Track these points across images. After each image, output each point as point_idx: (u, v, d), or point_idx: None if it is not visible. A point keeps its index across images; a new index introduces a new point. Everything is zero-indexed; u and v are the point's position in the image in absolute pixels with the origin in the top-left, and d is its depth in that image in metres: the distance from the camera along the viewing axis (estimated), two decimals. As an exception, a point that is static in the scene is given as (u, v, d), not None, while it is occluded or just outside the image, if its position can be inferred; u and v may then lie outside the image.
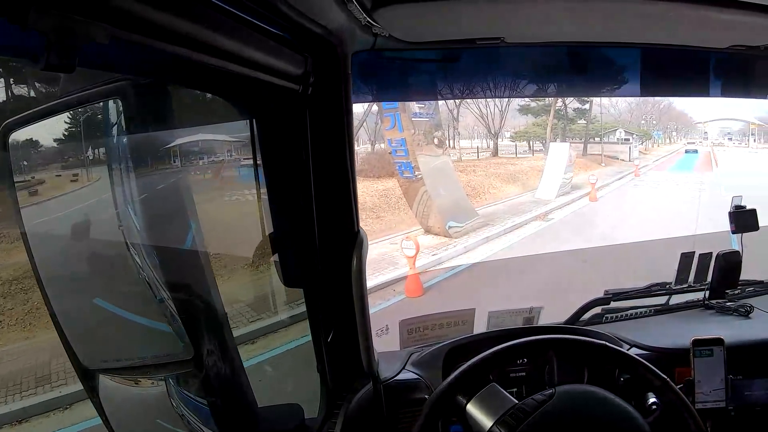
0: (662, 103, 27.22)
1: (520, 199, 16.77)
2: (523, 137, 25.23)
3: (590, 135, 25.57)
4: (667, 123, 29.69)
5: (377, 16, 1.18)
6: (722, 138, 30.80)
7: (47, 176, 1.54)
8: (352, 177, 1.31)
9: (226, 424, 1.33)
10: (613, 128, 26.46)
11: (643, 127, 28.39)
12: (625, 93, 1.73)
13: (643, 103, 27.27)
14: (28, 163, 1.44)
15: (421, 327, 1.87)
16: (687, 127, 31.16)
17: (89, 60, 0.89)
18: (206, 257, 1.22)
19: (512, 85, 1.75)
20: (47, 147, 1.48)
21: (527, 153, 24.41)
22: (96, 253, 1.42)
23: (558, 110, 24.20)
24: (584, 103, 24.13)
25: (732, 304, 1.99)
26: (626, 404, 1.36)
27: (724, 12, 1.22)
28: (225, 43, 0.88)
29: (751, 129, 29.99)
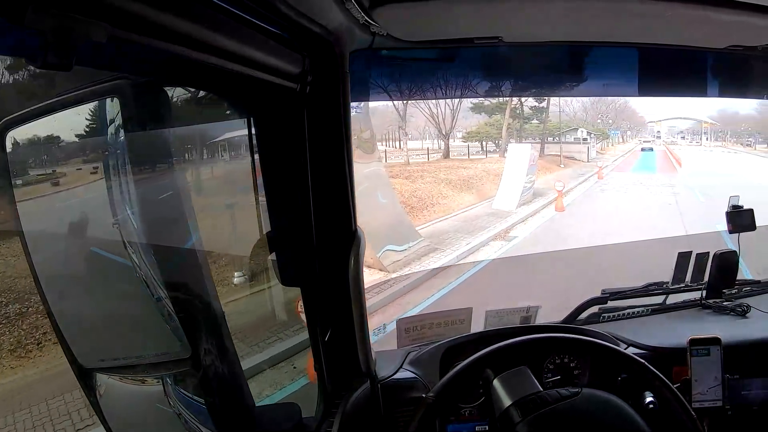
0: (618, 102, 26.73)
1: (475, 211, 14.32)
2: (475, 137, 23.43)
3: (547, 134, 24.46)
4: (621, 122, 29.41)
5: (375, 15, 1.18)
6: (675, 137, 31.04)
7: (44, 174, 1.54)
8: (349, 176, 1.31)
9: (223, 423, 1.33)
10: (572, 127, 25.58)
11: (599, 126, 27.69)
12: (623, 93, 1.74)
13: (599, 102, 26.62)
14: (25, 161, 1.43)
15: (418, 326, 1.87)
16: (639, 126, 31.05)
17: (87, 58, 0.89)
18: (204, 256, 1.22)
19: (510, 85, 1.75)
20: (44, 145, 1.48)
21: (480, 154, 22.65)
22: (93, 252, 1.42)
23: (514, 109, 22.74)
24: (541, 101, 22.75)
25: (729, 303, 1.99)
26: (645, 425, 1.36)
27: (722, 12, 1.23)
28: (223, 42, 0.88)
29: (703, 128, 30.36)
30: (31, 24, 0.55)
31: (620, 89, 1.76)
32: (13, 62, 4.29)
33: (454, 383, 1.45)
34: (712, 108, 29.36)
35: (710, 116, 30.19)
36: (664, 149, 27.70)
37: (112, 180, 1.36)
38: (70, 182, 1.52)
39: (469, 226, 12.34)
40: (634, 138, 30.60)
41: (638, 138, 30.24)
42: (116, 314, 1.38)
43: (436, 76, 1.66)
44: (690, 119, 30.23)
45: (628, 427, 1.36)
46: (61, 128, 1.45)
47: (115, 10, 0.65)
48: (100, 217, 1.43)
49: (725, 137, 30.04)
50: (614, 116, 28.57)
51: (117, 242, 1.30)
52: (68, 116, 1.34)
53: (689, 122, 30.36)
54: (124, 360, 1.39)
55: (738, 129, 29.71)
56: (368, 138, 11.91)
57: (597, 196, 16.73)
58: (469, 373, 1.48)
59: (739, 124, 29.60)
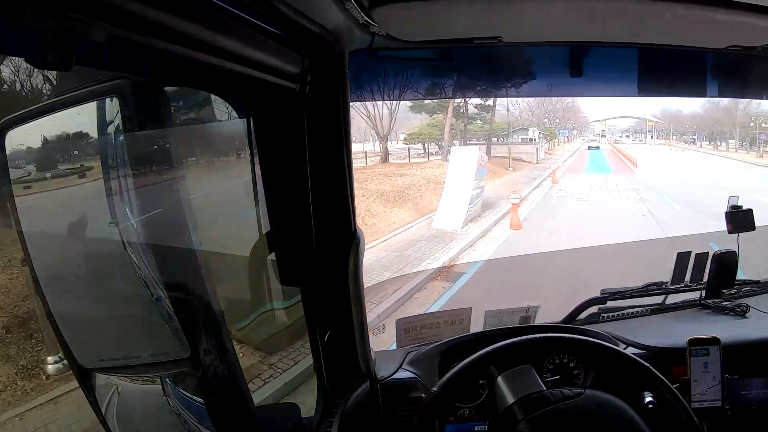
0: (566, 101, 26.05)
1: (410, 233, 11.46)
2: (417, 139, 21.65)
3: (494, 135, 22.80)
4: (567, 121, 28.84)
5: (375, 15, 1.18)
6: (620, 135, 31.07)
7: (42, 174, 1.54)
8: (349, 176, 1.31)
9: (223, 423, 1.33)
10: (520, 127, 24.40)
11: (546, 126, 26.77)
12: (622, 93, 1.74)
13: (546, 101, 25.84)
14: (24, 161, 1.43)
15: (417, 326, 1.87)
16: (583, 125, 30.87)
17: (87, 58, 0.89)
18: (203, 256, 1.22)
19: (509, 85, 1.75)
20: (42, 146, 1.48)
21: (422, 156, 20.70)
22: (93, 252, 1.42)
23: (456, 108, 21.10)
24: (487, 99, 21.22)
25: (728, 303, 1.99)
26: (646, 427, 1.36)
27: (721, 12, 1.23)
28: (222, 42, 0.88)
29: (648, 126, 30.44)
30: (30, 24, 0.55)
31: (620, 89, 1.76)
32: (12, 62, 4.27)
33: (458, 379, 1.45)
34: (656, 106, 29.51)
35: (654, 114, 30.31)
36: (611, 148, 27.48)
37: (111, 180, 1.36)
38: (68, 182, 1.52)
39: (399, 260, 9.43)
40: (578, 137, 30.44)
41: (582, 137, 30.06)
42: (115, 314, 1.38)
43: (435, 76, 1.66)
44: (634, 118, 30.38)
45: (629, 428, 1.36)
46: (60, 128, 1.45)
47: (114, 9, 0.65)
48: (99, 217, 1.44)
49: (669, 135, 30.32)
50: (561, 115, 27.88)
51: (116, 242, 1.30)
52: (68, 116, 1.34)
53: (632, 121, 30.51)
54: (123, 360, 1.39)
55: (681, 127, 30.00)
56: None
57: (557, 206, 14.52)
58: (473, 371, 1.48)
59: (682, 122, 29.84)
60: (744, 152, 26.06)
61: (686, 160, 24.38)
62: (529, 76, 1.71)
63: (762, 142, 24.94)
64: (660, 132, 30.57)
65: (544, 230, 11.29)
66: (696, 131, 29.82)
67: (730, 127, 27.46)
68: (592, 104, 29.27)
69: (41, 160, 1.51)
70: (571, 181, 18.33)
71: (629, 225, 11.53)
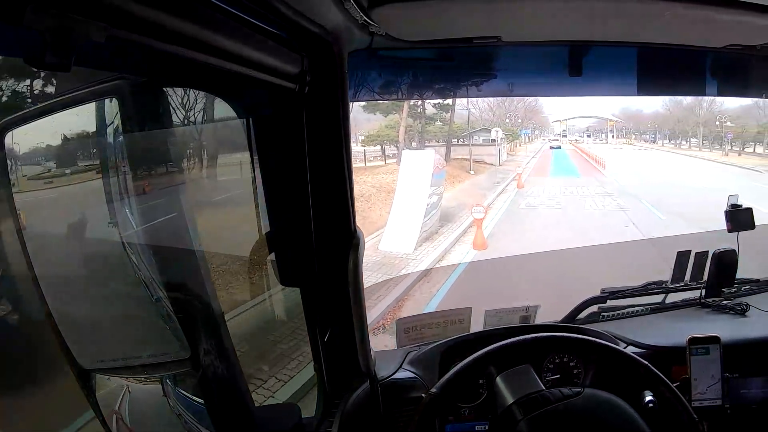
0: (528, 100, 25.00)
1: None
2: (375, 141, 19.74)
3: (454, 136, 21.53)
4: (529, 122, 27.88)
5: (374, 15, 1.18)
6: (581, 135, 30.81)
7: (41, 174, 1.54)
8: (348, 176, 1.31)
9: (223, 424, 1.33)
10: (483, 128, 22.93)
11: (507, 126, 25.36)
12: (622, 92, 1.74)
13: (508, 101, 24.71)
14: (22, 160, 1.43)
15: (418, 326, 1.87)
16: (543, 125, 30.38)
17: (86, 59, 0.89)
18: (203, 256, 1.22)
19: (509, 84, 1.75)
20: (44, 145, 1.48)
21: (379, 159, 18.70)
22: (92, 252, 1.42)
23: (413, 107, 19.47)
24: (445, 98, 19.62)
25: (728, 302, 1.99)
26: (645, 426, 1.36)
27: (720, 12, 1.23)
28: (221, 42, 0.88)
29: (609, 126, 30.36)
30: (29, 24, 0.55)
31: (619, 89, 1.76)
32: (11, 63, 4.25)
33: (457, 380, 1.46)
34: (616, 106, 29.29)
35: (614, 114, 30.18)
36: (573, 148, 26.98)
37: (110, 180, 1.36)
38: (67, 183, 1.52)
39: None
40: (540, 137, 29.97)
41: (543, 137, 29.60)
42: (115, 315, 1.38)
43: (435, 75, 1.66)
44: (594, 117, 30.25)
45: (629, 428, 1.36)
46: (60, 129, 1.45)
47: (113, 10, 0.65)
48: (98, 217, 1.43)
49: (629, 134, 30.28)
50: (523, 115, 26.89)
51: (116, 243, 1.30)
52: (67, 117, 1.34)
53: (591, 120, 30.36)
54: (123, 360, 1.39)
55: (642, 126, 29.92)
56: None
57: (526, 216, 12.75)
58: (472, 371, 1.48)
59: (643, 121, 29.74)
60: (707, 150, 26.05)
61: (652, 160, 23.89)
62: (528, 76, 1.71)
63: (728, 140, 24.88)
64: (620, 131, 30.50)
65: (514, 249, 9.49)
66: (657, 130, 29.73)
67: (693, 126, 27.33)
68: (553, 104, 28.60)
69: (39, 160, 1.51)
70: (538, 186, 16.93)
71: (612, 239, 9.92)
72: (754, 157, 24.26)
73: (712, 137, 26.06)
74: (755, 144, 25.45)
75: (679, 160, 23.69)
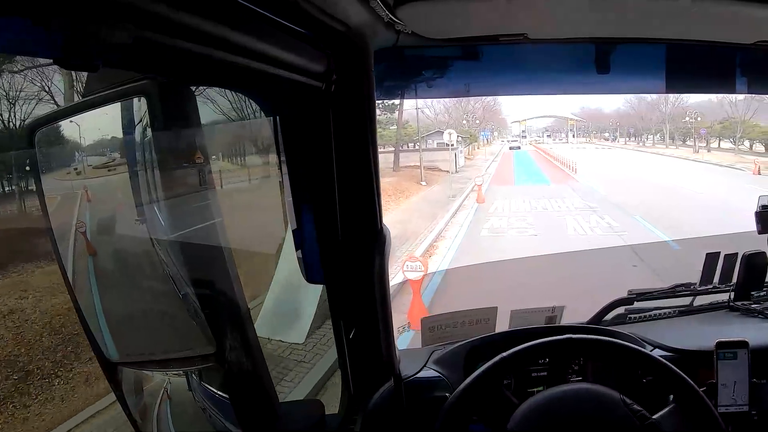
0: (486, 100, 24.07)
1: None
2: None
3: (403, 141, 19.94)
4: (487, 122, 26.96)
5: (400, 13, 1.18)
6: (541, 135, 29.90)
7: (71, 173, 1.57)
8: (375, 174, 1.31)
9: (247, 419, 1.34)
10: (437, 130, 21.60)
11: (465, 128, 24.12)
12: (650, 90, 1.72)
13: (465, 101, 24.20)
14: (52, 160, 1.47)
15: (442, 325, 1.87)
16: (502, 126, 29.41)
17: (113, 59, 0.90)
18: (230, 253, 1.23)
19: (535, 82, 1.74)
20: (71, 145, 1.52)
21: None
22: (120, 249, 1.45)
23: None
24: (392, 98, 17.79)
25: (757, 306, 1.95)
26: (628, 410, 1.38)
27: (749, 7, 1.21)
28: (248, 41, 0.89)
29: (569, 125, 29.53)
30: (58, 26, 0.56)
31: (647, 86, 1.73)
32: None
33: (478, 384, 1.45)
34: (575, 104, 28.72)
35: (574, 113, 29.44)
36: (533, 148, 26.23)
37: (138, 178, 1.38)
38: (98, 181, 1.55)
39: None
40: (498, 138, 29.06)
41: (502, 138, 28.73)
42: (142, 309, 1.40)
43: (461, 73, 1.65)
44: (553, 116, 29.52)
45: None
46: (89, 128, 1.48)
47: (140, 11, 0.66)
48: (126, 214, 1.46)
49: (589, 133, 29.51)
50: (481, 116, 25.70)
51: (144, 239, 1.32)
52: (95, 116, 1.36)
53: (550, 120, 29.64)
54: (150, 354, 1.41)
55: (602, 124, 29.15)
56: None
57: (491, 249, 9.39)
58: (497, 372, 1.48)
59: (603, 119, 29.01)
60: (674, 148, 25.25)
61: (623, 160, 22.59)
62: (554, 73, 1.69)
63: (702, 136, 24.11)
64: (580, 130, 29.78)
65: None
66: (617, 128, 28.99)
67: (657, 123, 26.51)
68: (511, 104, 28.17)
69: (69, 159, 1.54)
70: (502, 199, 14.57)
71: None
72: (727, 154, 23.44)
73: (680, 134, 25.35)
74: (720, 139, 24.72)
75: (652, 159, 22.69)
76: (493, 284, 6.80)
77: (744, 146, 24.68)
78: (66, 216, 1.51)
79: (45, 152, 1.43)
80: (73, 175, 1.68)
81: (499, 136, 29.46)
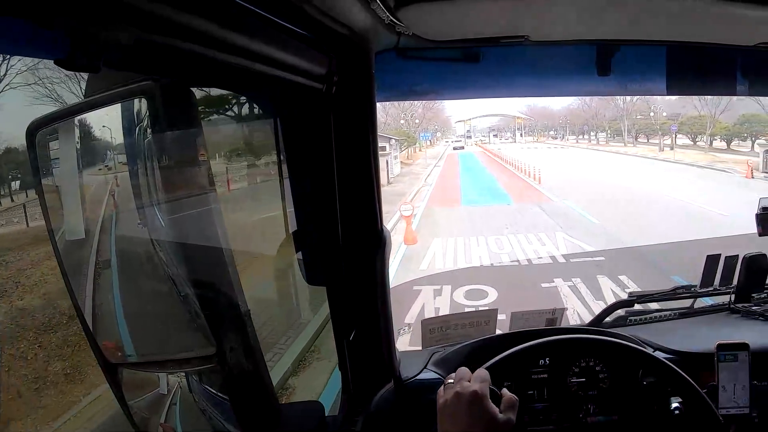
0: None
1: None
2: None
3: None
4: (429, 123, 25.02)
5: (401, 15, 1.18)
6: (487, 135, 28.32)
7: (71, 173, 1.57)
8: (376, 176, 1.31)
9: (247, 420, 1.34)
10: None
11: (403, 130, 21.71)
12: (652, 92, 1.71)
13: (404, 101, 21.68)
14: (51, 160, 1.47)
15: (443, 327, 1.87)
16: (445, 126, 27.82)
17: (115, 60, 0.90)
18: (230, 254, 1.23)
19: (536, 84, 1.74)
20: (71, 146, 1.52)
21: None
22: (121, 250, 1.45)
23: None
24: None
25: (758, 308, 1.94)
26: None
27: (751, 9, 1.21)
28: (249, 43, 0.89)
29: (517, 123, 28.29)
30: (60, 27, 0.56)
31: (649, 88, 1.73)
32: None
33: None
34: (522, 102, 27.21)
35: (521, 111, 28.03)
36: (481, 150, 24.20)
37: (138, 179, 1.38)
38: (97, 182, 1.55)
39: None
40: (442, 139, 27.38)
41: (446, 139, 27.08)
42: (143, 310, 1.40)
43: (462, 75, 1.65)
44: (498, 115, 28.20)
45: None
46: (90, 129, 1.48)
47: (142, 13, 0.66)
48: (127, 215, 1.46)
49: (535, 132, 28.21)
50: (422, 115, 23.66)
51: (145, 241, 1.32)
52: (96, 117, 1.36)
53: (495, 119, 28.25)
54: (150, 356, 1.41)
55: (552, 122, 27.76)
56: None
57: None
58: (498, 372, 1.48)
59: (553, 117, 27.67)
60: (632, 146, 24.01)
61: (587, 162, 19.50)
62: (556, 75, 1.69)
63: (673, 133, 23.08)
64: (527, 129, 28.43)
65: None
66: (567, 126, 27.64)
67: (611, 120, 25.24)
68: (455, 102, 25.14)
69: (70, 159, 1.54)
70: (445, 237, 10.13)
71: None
72: (694, 152, 21.88)
73: (642, 130, 24.10)
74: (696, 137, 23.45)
75: (620, 161, 19.95)
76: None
77: (720, 144, 24.00)
78: (67, 215, 1.50)
79: (44, 153, 1.43)
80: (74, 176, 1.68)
81: (443, 136, 27.83)
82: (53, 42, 0.62)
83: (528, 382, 1.62)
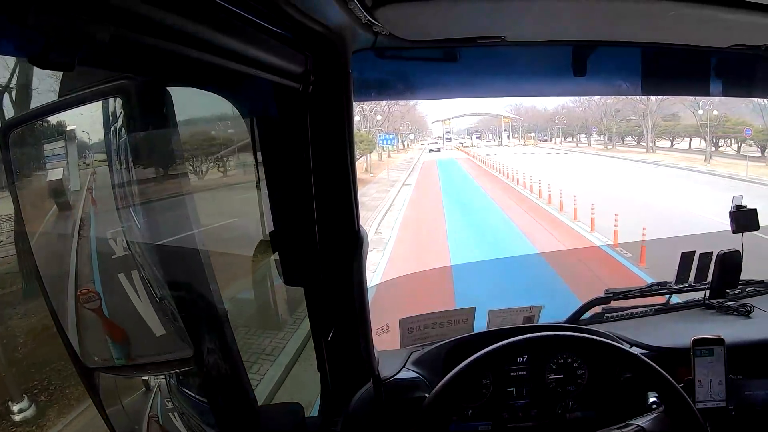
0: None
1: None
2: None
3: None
4: (401, 125, 22.04)
5: (378, 15, 1.18)
6: (469, 136, 25.38)
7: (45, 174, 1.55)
8: (352, 176, 1.31)
9: (226, 423, 1.33)
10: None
11: (362, 134, 19.38)
12: (627, 92, 1.73)
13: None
14: (26, 161, 1.44)
15: (421, 326, 1.87)
16: (421, 127, 24.66)
17: (90, 58, 0.89)
18: (207, 255, 1.22)
19: (513, 84, 1.75)
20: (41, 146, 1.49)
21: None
22: (96, 251, 1.43)
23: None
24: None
25: (732, 303, 1.98)
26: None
27: (725, 11, 1.22)
28: (226, 42, 0.88)
29: (504, 123, 25.49)
30: (33, 24, 0.55)
31: (624, 89, 1.75)
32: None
33: (456, 383, 1.45)
34: (509, 101, 24.24)
35: (508, 110, 25.11)
36: (466, 156, 21.03)
37: (114, 179, 1.36)
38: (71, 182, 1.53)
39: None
40: (417, 141, 23.93)
41: (421, 141, 24.23)
42: (119, 313, 1.38)
43: (439, 75, 1.66)
44: (482, 114, 25.41)
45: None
46: (64, 128, 1.46)
47: (117, 10, 0.65)
48: (102, 216, 1.44)
49: (520, 133, 25.69)
50: (386, 113, 19.97)
51: (120, 242, 1.30)
52: (71, 116, 1.34)
53: (476, 118, 25.53)
54: (127, 359, 1.39)
55: (537, 123, 25.31)
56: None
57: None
58: (474, 372, 1.48)
59: (543, 117, 25.35)
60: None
61: (617, 174, 15.86)
62: (532, 75, 1.70)
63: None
64: (513, 130, 25.73)
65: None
66: (557, 126, 25.65)
67: (619, 121, 24.04)
68: (431, 102, 21.94)
69: (42, 160, 1.52)
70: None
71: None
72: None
73: (668, 133, 22.89)
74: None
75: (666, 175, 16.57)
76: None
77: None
78: (40, 219, 1.48)
79: (18, 154, 1.40)
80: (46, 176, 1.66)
81: (418, 138, 24.66)
82: (26, 39, 0.61)
83: (507, 379, 1.64)
